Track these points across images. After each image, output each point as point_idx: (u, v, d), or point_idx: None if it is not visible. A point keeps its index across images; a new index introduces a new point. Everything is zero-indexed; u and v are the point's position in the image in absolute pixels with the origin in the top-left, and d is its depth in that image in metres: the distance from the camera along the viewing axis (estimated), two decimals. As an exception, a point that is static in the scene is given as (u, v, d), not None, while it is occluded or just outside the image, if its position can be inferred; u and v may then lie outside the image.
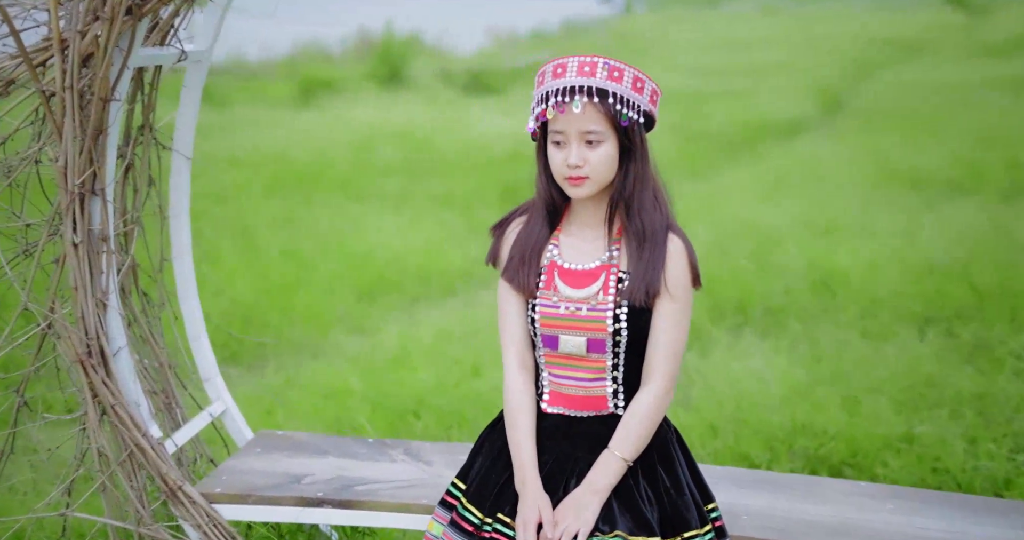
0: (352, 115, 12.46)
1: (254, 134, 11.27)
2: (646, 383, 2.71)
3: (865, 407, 4.74)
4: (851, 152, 10.78)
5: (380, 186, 9.64)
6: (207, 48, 3.35)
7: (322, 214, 8.70)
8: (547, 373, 2.79)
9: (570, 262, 2.75)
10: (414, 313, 6.98)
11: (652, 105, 2.69)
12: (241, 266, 7.34)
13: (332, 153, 10.51)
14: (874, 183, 9.28)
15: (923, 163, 9.78)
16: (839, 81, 16.31)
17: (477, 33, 22.89)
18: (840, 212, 8.22)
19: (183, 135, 3.43)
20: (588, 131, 2.59)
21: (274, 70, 16.87)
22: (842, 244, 7.24)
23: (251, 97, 14.08)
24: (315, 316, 6.70)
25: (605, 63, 2.60)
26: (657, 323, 2.69)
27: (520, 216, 2.90)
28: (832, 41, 21.45)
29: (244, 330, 6.40)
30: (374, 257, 7.71)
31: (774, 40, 22.04)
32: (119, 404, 2.98)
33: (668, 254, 2.70)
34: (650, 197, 2.71)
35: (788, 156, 10.89)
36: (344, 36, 19.99)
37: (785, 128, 12.61)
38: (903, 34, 22.79)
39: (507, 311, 2.85)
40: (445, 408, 5.15)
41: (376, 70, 16.21)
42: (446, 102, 13.86)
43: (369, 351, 6.16)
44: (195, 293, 3.51)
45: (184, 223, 3.48)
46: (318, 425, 5.06)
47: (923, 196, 8.78)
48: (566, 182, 2.66)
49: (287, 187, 9.36)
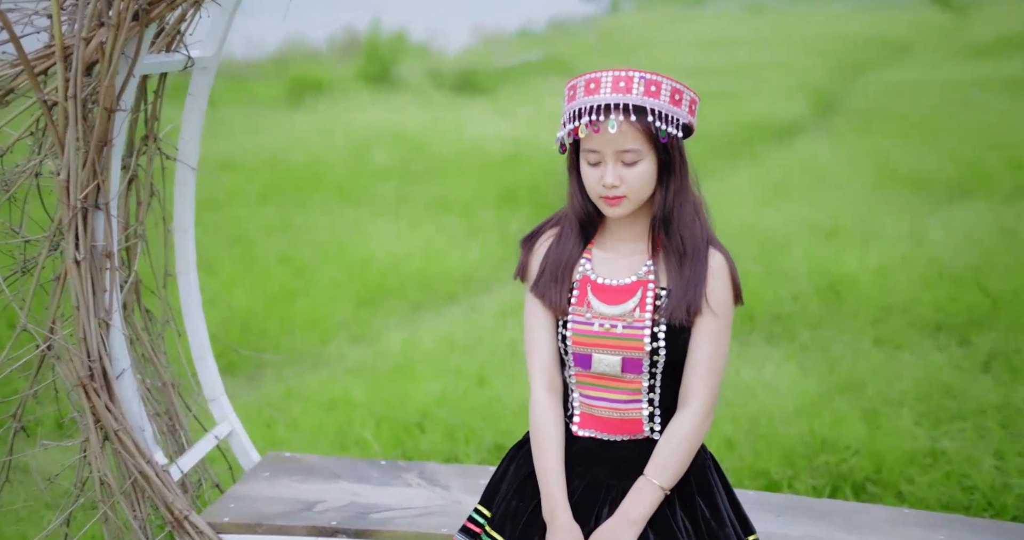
0: (344, 117, 12.30)
1: (246, 137, 11.11)
2: (684, 405, 2.56)
3: (885, 420, 4.60)
4: (850, 153, 10.66)
5: (376, 190, 9.49)
6: (214, 54, 3.20)
7: (319, 219, 8.54)
8: (578, 393, 2.64)
9: (604, 277, 2.61)
10: (415, 320, 6.84)
11: (691, 116, 2.56)
12: (238, 274, 7.18)
13: (326, 157, 10.35)
14: (875, 185, 9.16)
15: (923, 164, 9.67)
16: (830, 81, 16.21)
17: (463, 32, 22.75)
18: (843, 215, 8.09)
19: (188, 145, 3.28)
20: (625, 150, 2.46)
21: (261, 69, 16.69)
22: (848, 248, 7.11)
23: (240, 98, 13.89)
24: (314, 324, 6.55)
25: (641, 77, 2.46)
26: (697, 342, 2.55)
27: (551, 228, 2.76)
28: (819, 41, 21.38)
29: (242, 339, 6.26)
30: (373, 263, 7.56)
31: (761, 39, 21.95)
32: (123, 429, 2.83)
33: (710, 270, 2.56)
34: (690, 211, 2.58)
35: (787, 158, 10.77)
36: (330, 35, 19.82)
37: (781, 129, 12.49)
38: (889, 34, 22.74)
39: (535, 328, 2.70)
40: (451, 421, 5.02)
41: (365, 70, 16.04)
42: (438, 103, 13.71)
43: (371, 360, 6.02)
44: (200, 309, 3.37)
45: (189, 236, 3.34)
46: (321, 440, 4.92)
47: (926, 198, 8.66)
48: (602, 201, 2.53)
49: (282, 192, 9.20)
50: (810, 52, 19.41)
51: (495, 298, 7.21)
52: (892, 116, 12.56)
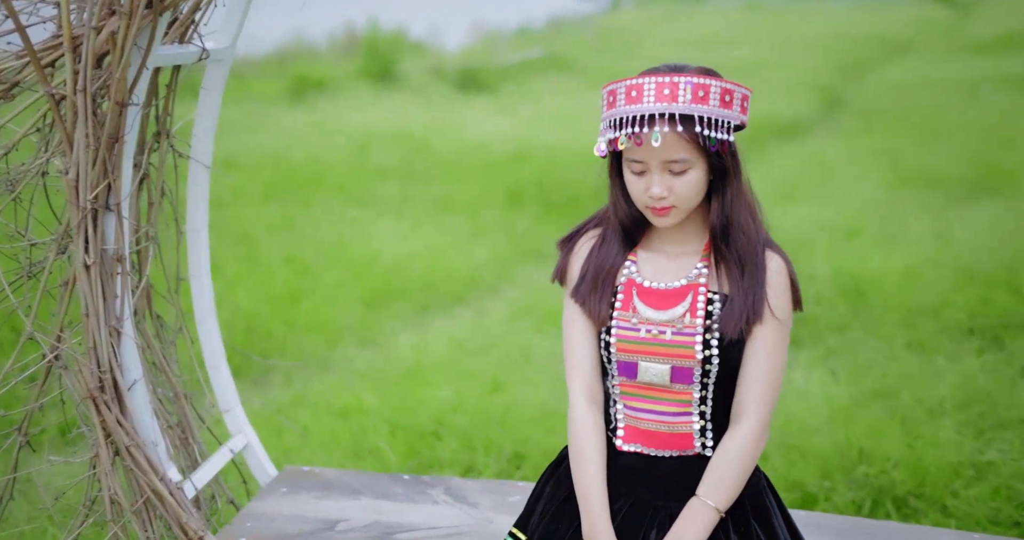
0: (345, 115, 12.09)
1: (246, 135, 10.91)
2: (738, 420, 2.38)
3: (925, 429, 4.41)
4: (860, 152, 10.46)
5: (378, 189, 9.30)
6: (228, 45, 3.02)
7: (322, 219, 8.36)
8: (621, 405, 2.46)
9: (651, 280, 2.43)
10: (423, 323, 6.66)
11: (743, 114, 2.36)
12: (242, 274, 7.01)
13: (328, 155, 10.15)
14: (890, 184, 8.96)
15: (937, 162, 9.47)
16: (833, 79, 16.03)
17: (462, 30, 22.60)
18: (861, 214, 7.90)
19: (202, 142, 3.10)
20: (672, 161, 2.28)
21: (260, 67, 16.50)
22: (870, 248, 6.92)
23: (240, 96, 13.69)
24: (320, 326, 6.37)
25: (688, 82, 2.25)
26: (753, 352, 2.37)
27: (593, 228, 2.58)
28: (819, 39, 21.18)
29: (247, 341, 6.09)
30: (378, 264, 7.38)
31: (760, 38, 21.74)
32: (134, 444, 2.64)
33: (768, 274, 2.39)
34: (746, 214, 2.40)
35: (796, 157, 10.58)
36: (330, 32, 19.65)
37: (788, 127, 12.31)
38: (889, 32, 22.56)
39: (574, 335, 2.52)
40: (467, 429, 4.84)
41: (366, 68, 15.85)
42: (439, 102, 13.50)
43: (380, 365, 5.85)
44: (214, 315, 3.18)
45: (203, 239, 3.15)
46: (334, 449, 4.74)
47: (944, 197, 8.46)
48: (649, 211, 2.35)
49: (284, 191, 9.01)
50: (811, 50, 19.21)
51: (504, 300, 7.04)
52: (899, 114, 12.36)
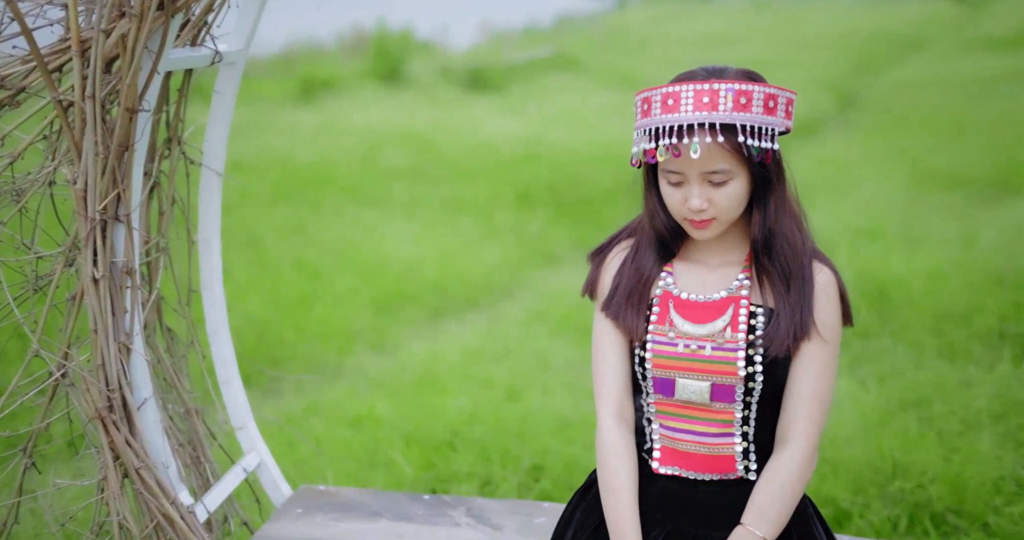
0: (353, 116, 11.95)
1: (255, 137, 10.77)
2: (785, 443, 2.23)
3: (962, 441, 4.24)
4: (878, 151, 10.30)
5: (388, 191, 9.16)
6: (242, 48, 2.89)
7: (332, 222, 8.22)
8: (657, 425, 2.32)
9: (689, 292, 2.30)
10: (436, 328, 6.53)
11: (788, 119, 2.20)
12: (252, 279, 6.88)
13: (337, 156, 10.01)
14: (910, 183, 8.79)
15: (958, 161, 9.30)
16: (845, 77, 15.87)
17: (470, 29, 22.49)
18: (882, 215, 7.73)
19: (214, 148, 2.97)
20: (712, 172, 2.15)
21: (268, 67, 16.38)
22: (892, 251, 6.75)
23: (247, 96, 13.55)
24: (332, 332, 6.25)
25: (728, 89, 2.10)
26: (801, 370, 2.23)
27: (625, 239, 2.44)
28: (828, 37, 21.01)
29: (258, 348, 5.96)
30: (389, 267, 7.25)
31: (768, 36, 21.58)
32: (144, 466, 2.51)
33: (817, 288, 2.25)
34: (791, 224, 2.26)
35: (812, 156, 10.42)
36: (337, 32, 19.54)
37: (802, 126, 12.14)
38: (898, 29, 22.38)
39: (605, 351, 2.38)
40: (484, 440, 4.71)
41: (374, 67, 15.72)
42: (447, 101, 13.36)
43: (394, 372, 5.72)
44: (226, 328, 3.04)
45: (215, 249, 3.01)
46: (348, 460, 4.61)
47: (967, 196, 8.29)
48: (687, 223, 2.22)
49: (293, 193, 8.87)
50: (820, 48, 19.04)
51: (518, 304, 6.90)
52: (915, 112, 12.19)
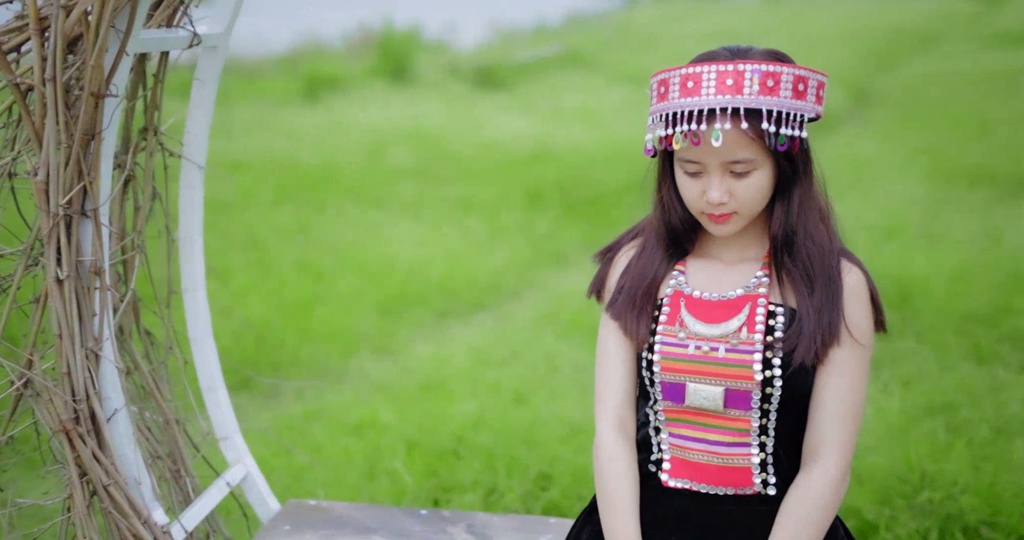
0: (359, 114, 11.74)
1: (258, 136, 10.57)
2: (815, 460, 2.04)
3: (993, 449, 4.02)
4: (895, 146, 10.05)
5: (394, 190, 8.95)
6: (224, 30, 2.68)
7: (335, 222, 8.01)
8: (667, 434, 2.12)
9: (702, 290, 2.11)
10: (442, 330, 6.32)
11: (818, 104, 2.00)
12: (252, 281, 6.67)
13: (342, 156, 9.79)
14: (930, 180, 8.54)
15: (980, 157, 9.03)
16: (860, 73, 15.60)
17: (478, 27, 22.32)
18: (901, 212, 7.48)
19: (196, 139, 2.75)
20: (734, 161, 1.96)
21: (274, 67, 16.20)
22: (914, 249, 6.51)
23: (252, 95, 13.37)
24: (335, 335, 6.04)
25: (755, 71, 1.90)
26: (831, 379, 2.03)
27: (633, 239, 2.24)
28: (842, 32, 20.73)
29: (257, 352, 5.76)
30: (394, 269, 7.04)
31: (782, 31, 21.29)
32: (114, 484, 2.30)
33: (846, 289, 2.05)
34: (815, 220, 2.06)
35: (829, 152, 10.17)
36: (344, 31, 19.38)
37: (816, 122, 11.90)
38: (913, 24, 22.10)
39: (608, 355, 2.20)
40: (490, 447, 4.50)
41: (380, 66, 15.52)
42: (455, 99, 13.14)
43: (398, 376, 5.51)
44: (210, 333, 2.84)
45: (197, 247, 2.81)
46: (347, 469, 4.40)
47: (989, 193, 8.04)
48: (705, 217, 2.03)
49: (296, 193, 8.66)
50: (834, 44, 18.77)
51: (525, 306, 6.69)
52: (934, 107, 11.92)
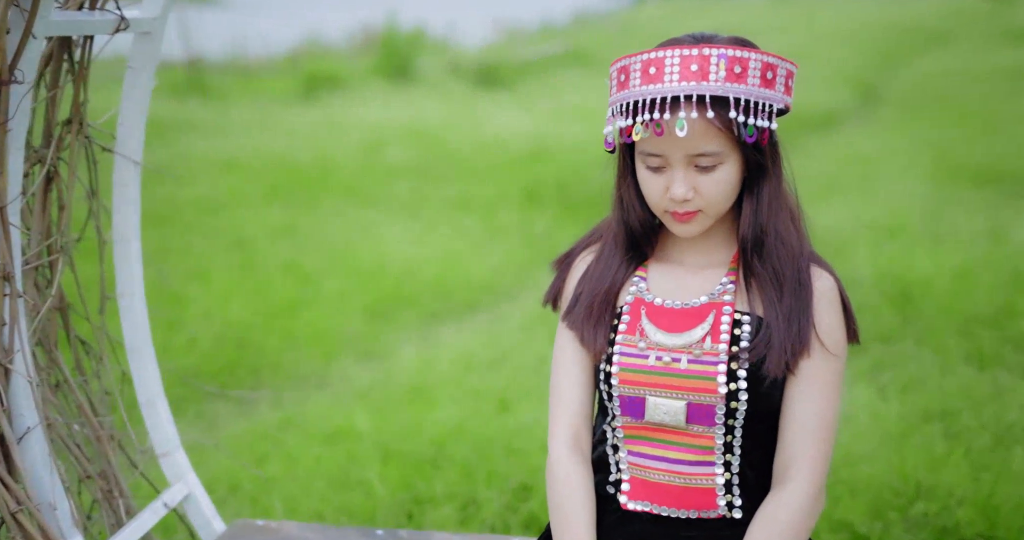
0: (358, 113, 11.56)
1: (254, 134, 10.40)
2: (786, 480, 1.87)
3: (993, 458, 3.83)
4: (901, 145, 9.83)
5: (390, 189, 8.76)
6: (160, 14, 2.48)
7: (328, 222, 7.82)
8: (625, 452, 1.96)
9: (664, 297, 1.94)
10: (431, 333, 6.12)
11: (788, 94, 1.86)
12: (236, 282, 6.48)
13: (338, 154, 9.61)
14: (934, 178, 8.33)
15: (986, 156, 8.82)
16: (868, 70, 15.40)
17: (483, 26, 22.22)
18: (905, 211, 7.27)
19: (129, 132, 2.56)
20: (699, 154, 1.80)
21: (276, 66, 16.08)
22: (917, 249, 6.31)
23: (252, 94, 13.23)
24: (320, 339, 5.85)
25: (721, 55, 1.75)
26: (801, 392, 1.87)
27: (592, 245, 2.08)
28: (851, 29, 20.57)
29: (238, 356, 5.57)
30: (386, 269, 6.85)
31: (790, 28, 21.15)
32: (24, 510, 2.11)
33: (816, 296, 1.89)
34: (785, 221, 1.91)
35: (833, 150, 9.98)
36: (348, 31, 19.30)
37: (822, 120, 11.70)
38: (923, 21, 21.91)
39: (563, 367, 2.04)
40: (470, 457, 4.31)
41: (381, 65, 15.36)
42: (457, 98, 12.95)
43: (380, 381, 5.32)
44: (149, 343, 2.64)
45: (134, 250, 2.62)
46: (319, 479, 4.22)
47: (994, 191, 7.82)
48: (668, 216, 1.87)
49: (289, 193, 8.47)
50: (843, 41, 18.57)
51: (520, 307, 6.50)
52: (942, 105, 11.71)
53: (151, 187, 8.32)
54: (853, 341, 1.98)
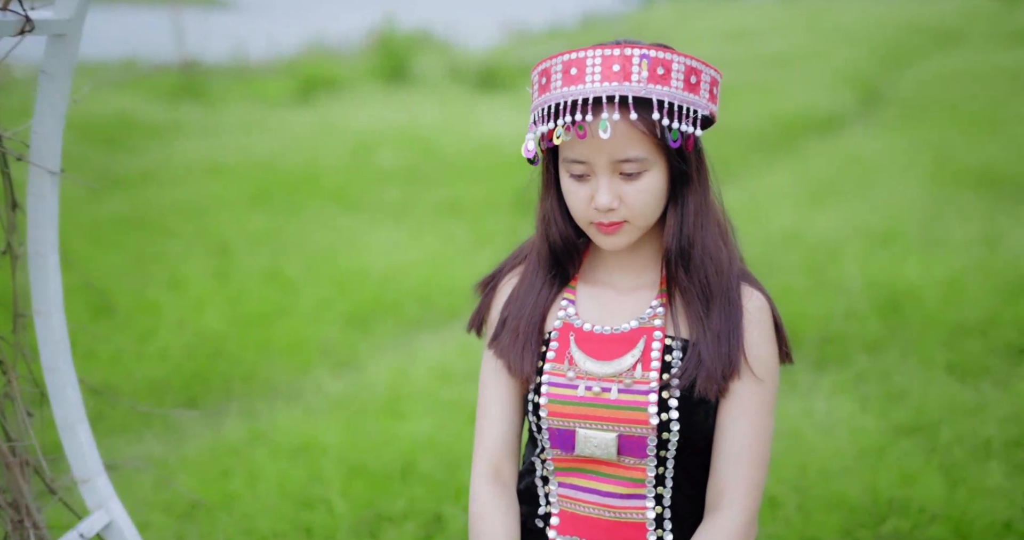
0: (351, 116, 11.43)
1: (244, 137, 10.28)
2: (717, 509, 1.80)
3: (968, 473, 3.73)
4: (902, 148, 9.66)
5: (380, 194, 8.63)
6: (74, 15, 2.35)
7: (313, 228, 7.69)
8: (555, 485, 1.88)
9: (593, 323, 1.86)
10: (411, 343, 5.99)
11: (712, 102, 1.78)
12: (213, 291, 6.36)
13: (328, 158, 9.49)
14: (934, 182, 8.16)
15: (987, 159, 8.65)
16: (874, 71, 15.24)
17: (490, 28, 22.20)
18: (900, 217, 7.12)
19: (45, 141, 2.42)
20: (624, 160, 1.73)
21: (279, 69, 16.00)
22: (909, 255, 6.16)
23: (250, 97, 13.13)
24: (297, 348, 5.73)
25: (643, 56, 1.69)
26: (732, 417, 1.81)
27: (517, 266, 2.00)
28: (858, 30, 20.41)
29: (210, 367, 5.46)
30: (368, 277, 6.72)
31: (797, 29, 21.03)
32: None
33: (747, 316, 1.82)
34: (714, 235, 1.82)
35: (831, 154, 9.82)
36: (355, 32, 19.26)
37: (823, 122, 11.55)
38: (933, 22, 21.71)
39: (488, 396, 1.97)
40: (437, 474, 4.19)
41: (379, 67, 15.26)
42: (454, 101, 12.82)
43: (354, 392, 5.20)
44: (69, 362, 2.51)
45: (51, 264, 2.48)
46: (280, 498, 4.09)
47: (995, 197, 7.65)
48: (593, 228, 1.80)
49: (275, 197, 8.34)
50: (850, 42, 18.41)
51: (503, 315, 6.36)
52: (946, 107, 11.52)
53: (133, 192, 8.22)
54: (786, 362, 1.91)
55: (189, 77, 13.57)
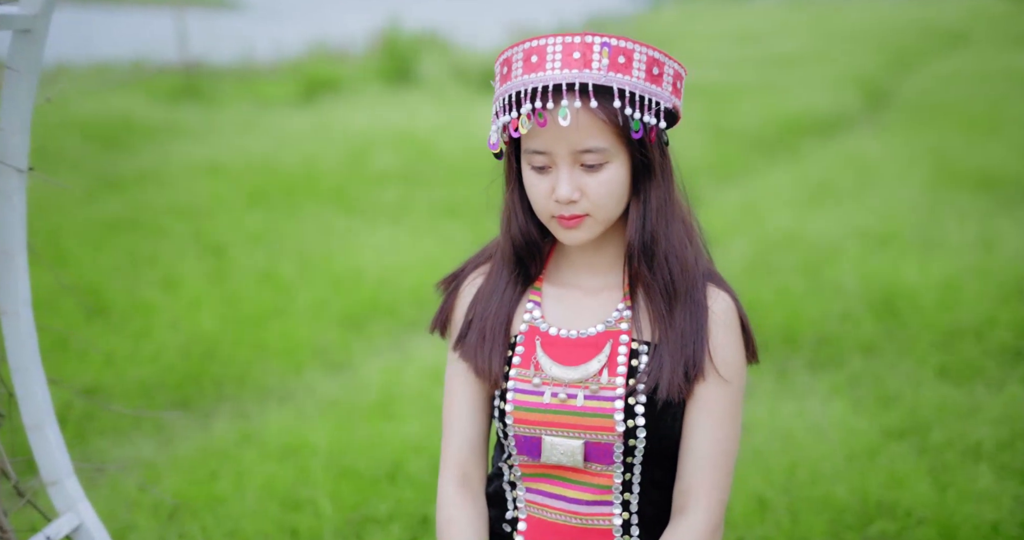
0: (351, 117, 11.41)
1: (242, 138, 10.27)
2: (683, 511, 1.78)
3: (958, 475, 3.70)
4: (903, 150, 9.62)
5: (377, 195, 8.60)
6: (40, 10, 2.32)
7: (310, 228, 7.66)
8: (522, 490, 1.86)
9: (559, 327, 1.85)
10: (405, 344, 5.96)
11: (676, 96, 1.75)
12: (207, 291, 6.33)
13: (326, 159, 9.46)
14: (934, 184, 8.12)
15: (989, 161, 8.60)
16: (879, 73, 15.20)
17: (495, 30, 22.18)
18: (899, 219, 7.09)
19: (12, 139, 2.40)
20: (585, 150, 1.71)
21: (284, 71, 16.00)
22: (906, 257, 6.13)
23: (252, 99, 13.13)
24: (291, 349, 5.70)
25: (604, 44, 1.67)
26: (698, 420, 1.79)
27: (482, 265, 1.97)
28: (865, 31, 20.42)
29: (202, 368, 5.43)
30: (364, 277, 6.70)
31: (805, 31, 21.03)
32: None
33: (712, 317, 1.79)
34: (679, 233, 1.79)
35: (832, 155, 9.78)
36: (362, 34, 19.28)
37: (826, 123, 11.51)
38: (939, 24, 21.70)
39: (454, 400, 1.95)
40: (425, 476, 4.16)
41: (383, 68, 15.24)
42: (455, 102, 12.79)
43: (346, 394, 5.18)
44: (37, 362, 2.48)
45: (19, 264, 2.45)
46: (267, 500, 4.07)
47: (994, 199, 7.60)
48: (555, 222, 1.78)
49: (272, 198, 8.32)
50: (856, 43, 18.39)
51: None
52: (950, 109, 11.48)
53: (129, 192, 8.21)
54: (753, 361, 1.88)
55: (192, 78, 13.56)
